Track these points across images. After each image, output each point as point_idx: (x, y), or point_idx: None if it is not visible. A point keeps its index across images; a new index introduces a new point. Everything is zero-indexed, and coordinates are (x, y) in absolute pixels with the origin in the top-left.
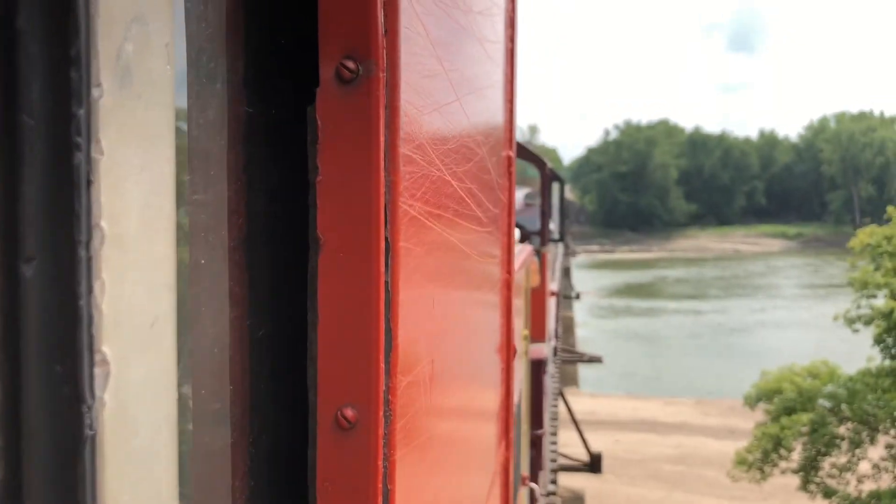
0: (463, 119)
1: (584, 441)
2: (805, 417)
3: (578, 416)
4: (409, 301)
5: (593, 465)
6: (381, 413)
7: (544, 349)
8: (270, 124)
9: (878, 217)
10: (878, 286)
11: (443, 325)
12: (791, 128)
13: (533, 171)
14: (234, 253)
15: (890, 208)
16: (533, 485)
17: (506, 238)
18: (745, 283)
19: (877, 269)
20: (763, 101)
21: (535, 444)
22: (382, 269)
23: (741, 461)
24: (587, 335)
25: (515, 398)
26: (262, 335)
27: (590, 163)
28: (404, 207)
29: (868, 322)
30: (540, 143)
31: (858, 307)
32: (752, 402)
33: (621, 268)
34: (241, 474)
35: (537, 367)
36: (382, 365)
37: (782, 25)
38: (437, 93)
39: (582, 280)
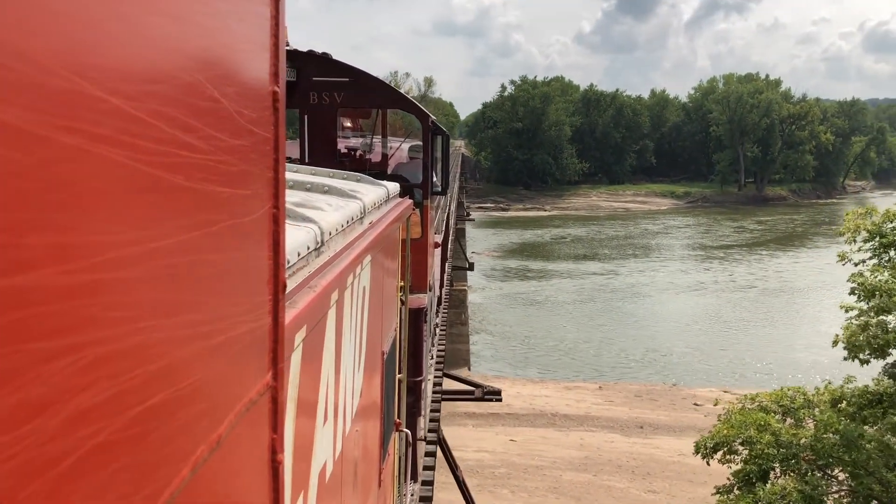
0: (136, 40)
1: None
2: (791, 487)
3: (469, 409)
4: None
5: None
6: None
7: (424, 299)
8: None
9: (763, 178)
10: (891, 294)
11: (79, 239)
12: (681, 89)
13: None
14: None
15: None
16: (406, 430)
17: (270, 172)
18: (638, 242)
19: (880, 263)
20: (653, 61)
21: (413, 390)
22: None
23: None
24: (481, 301)
25: (387, 346)
26: None
27: (486, 118)
28: None
29: (881, 348)
30: (436, 97)
31: (867, 326)
32: (706, 452)
33: (516, 226)
34: None
35: (417, 316)
36: None
37: None
38: (69, 9)
39: (477, 238)
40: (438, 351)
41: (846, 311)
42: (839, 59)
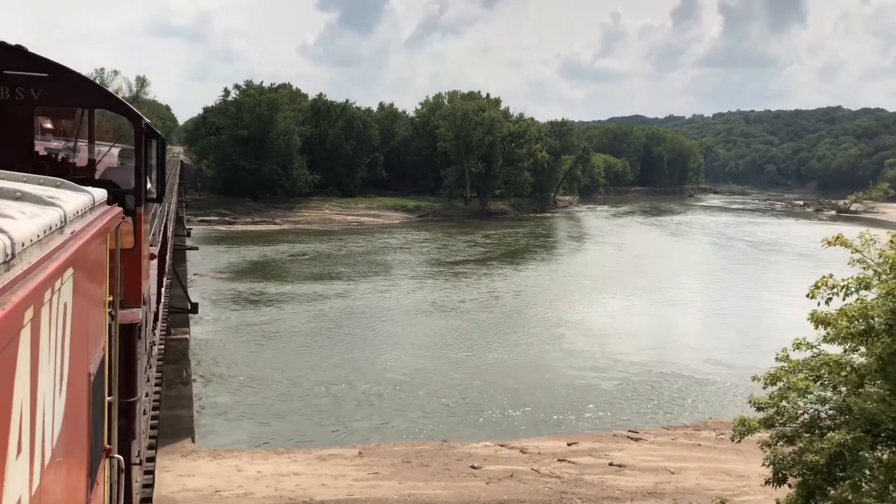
0: None
1: None
2: None
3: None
4: None
5: None
6: None
7: (138, 314)
8: None
9: (486, 193)
10: None
11: None
12: (403, 105)
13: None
14: None
15: None
16: (118, 456)
17: None
18: (380, 259)
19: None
20: (376, 77)
21: (127, 412)
22: None
23: None
24: (206, 336)
25: (94, 367)
26: None
27: (207, 124)
28: None
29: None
30: (150, 98)
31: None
32: None
33: (245, 241)
34: None
35: (129, 332)
36: None
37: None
38: None
39: (200, 256)
40: (151, 424)
41: (757, 408)
42: (541, 83)
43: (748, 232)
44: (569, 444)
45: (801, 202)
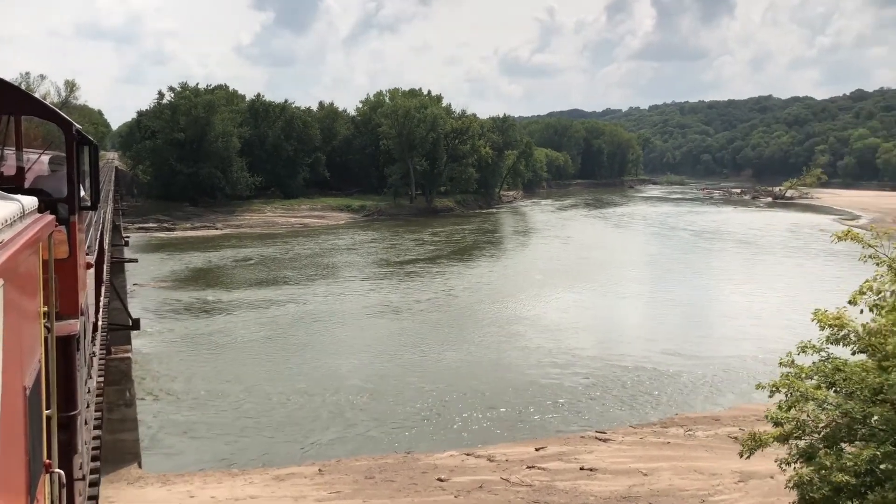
0: None
1: None
2: None
3: None
4: None
5: None
6: None
7: (75, 325)
8: None
9: (431, 190)
10: None
11: None
12: (342, 104)
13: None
14: None
15: None
16: (58, 471)
17: None
18: (328, 262)
19: None
20: (314, 76)
21: (67, 426)
22: None
23: None
24: (150, 350)
25: (29, 380)
26: None
27: (142, 128)
28: None
29: None
30: (80, 103)
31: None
32: None
33: (186, 248)
34: None
35: (67, 344)
36: None
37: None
38: None
39: (140, 266)
40: (93, 448)
41: (774, 423)
42: (480, 80)
43: (689, 221)
44: (537, 450)
45: (738, 190)
